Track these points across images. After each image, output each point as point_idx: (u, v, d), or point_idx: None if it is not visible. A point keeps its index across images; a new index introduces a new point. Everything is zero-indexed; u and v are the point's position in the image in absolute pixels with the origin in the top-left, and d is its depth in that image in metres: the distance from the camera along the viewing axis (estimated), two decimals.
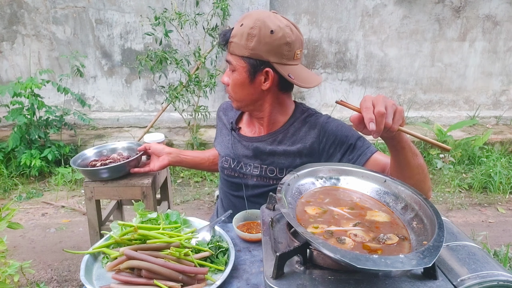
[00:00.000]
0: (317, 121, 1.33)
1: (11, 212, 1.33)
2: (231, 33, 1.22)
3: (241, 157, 1.41)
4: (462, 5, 4.30)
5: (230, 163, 1.44)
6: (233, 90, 1.29)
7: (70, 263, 2.47)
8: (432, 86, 4.62)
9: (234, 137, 1.44)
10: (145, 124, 4.20)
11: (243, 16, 1.23)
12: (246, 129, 1.45)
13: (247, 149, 1.40)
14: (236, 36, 1.20)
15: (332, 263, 0.72)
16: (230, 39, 1.22)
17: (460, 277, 0.68)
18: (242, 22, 1.20)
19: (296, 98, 4.60)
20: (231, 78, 1.27)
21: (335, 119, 1.34)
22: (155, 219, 1.10)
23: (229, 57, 1.25)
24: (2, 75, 4.28)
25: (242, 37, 1.19)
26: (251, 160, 1.39)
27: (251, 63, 1.21)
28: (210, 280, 0.94)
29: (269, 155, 1.35)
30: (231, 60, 1.25)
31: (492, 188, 3.50)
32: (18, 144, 3.43)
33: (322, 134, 1.29)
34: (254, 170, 1.38)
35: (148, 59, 3.36)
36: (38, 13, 4.09)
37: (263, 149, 1.36)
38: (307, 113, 1.38)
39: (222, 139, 1.52)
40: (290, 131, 1.35)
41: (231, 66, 1.25)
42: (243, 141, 1.42)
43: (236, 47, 1.21)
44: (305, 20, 4.28)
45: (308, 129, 1.33)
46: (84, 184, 1.90)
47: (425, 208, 0.79)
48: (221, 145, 1.51)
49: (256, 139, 1.39)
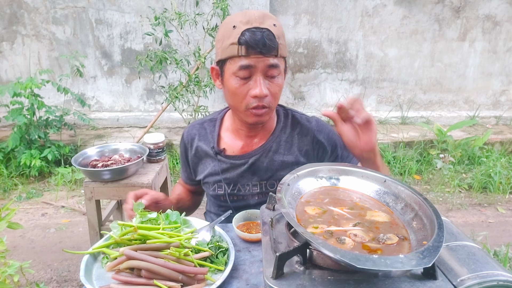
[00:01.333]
0: (308, 128, 1.31)
1: (10, 212, 1.33)
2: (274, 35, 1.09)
3: (237, 179, 1.31)
4: (462, 5, 4.30)
5: (225, 189, 1.32)
6: (276, 97, 1.17)
7: (70, 263, 2.47)
8: (432, 86, 4.62)
9: (222, 161, 1.31)
10: (145, 124, 4.20)
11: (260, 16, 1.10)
12: (232, 147, 1.32)
13: (241, 169, 1.29)
14: (280, 37, 1.12)
15: (332, 263, 0.72)
16: (278, 41, 1.10)
17: (460, 277, 0.68)
18: (272, 23, 1.10)
19: (296, 98, 4.60)
20: (274, 84, 1.15)
21: (324, 125, 1.34)
22: (155, 219, 1.10)
23: (275, 60, 1.11)
24: (2, 75, 4.28)
25: (284, 37, 1.14)
26: (249, 179, 1.30)
27: (285, 62, 1.19)
28: (210, 280, 0.94)
29: (267, 170, 1.28)
30: (278, 64, 1.13)
31: (492, 188, 3.50)
32: (18, 144, 3.43)
33: (315, 141, 1.30)
34: (254, 189, 1.31)
35: (148, 59, 3.36)
36: (38, 13, 4.09)
37: (260, 165, 1.28)
38: (291, 115, 1.34)
39: (206, 167, 1.36)
40: (282, 139, 1.30)
41: (276, 70, 1.13)
42: (235, 161, 1.30)
43: (283, 48, 1.13)
44: (305, 20, 4.28)
45: (300, 136, 1.30)
46: (84, 184, 1.90)
47: (425, 208, 0.79)
48: (207, 174, 1.35)
49: (250, 155, 1.29)
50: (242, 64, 1.09)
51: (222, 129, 1.35)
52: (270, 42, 1.07)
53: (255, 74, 1.11)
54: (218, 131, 1.34)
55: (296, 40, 4.37)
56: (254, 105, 1.14)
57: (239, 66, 1.10)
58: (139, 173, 1.97)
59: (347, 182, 0.94)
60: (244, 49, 1.08)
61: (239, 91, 1.14)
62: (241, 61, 1.09)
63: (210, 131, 1.36)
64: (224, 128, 1.35)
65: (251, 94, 1.12)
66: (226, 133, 1.34)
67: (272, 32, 1.08)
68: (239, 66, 1.10)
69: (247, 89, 1.13)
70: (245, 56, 1.09)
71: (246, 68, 1.10)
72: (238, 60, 1.10)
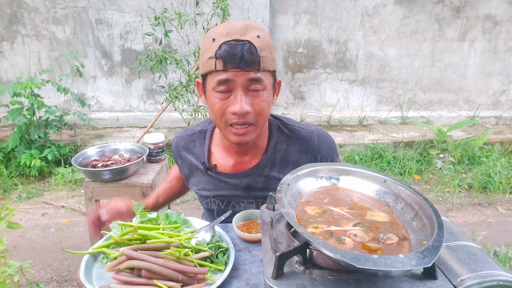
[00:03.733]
0: (309, 146, 1.23)
1: (10, 212, 1.33)
2: (256, 48, 1.01)
3: (231, 197, 1.27)
4: (462, 5, 4.30)
5: (218, 205, 1.29)
6: (261, 113, 1.08)
7: (70, 263, 2.46)
8: (432, 86, 4.62)
9: (213, 177, 1.26)
10: (145, 124, 4.19)
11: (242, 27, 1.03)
12: (223, 164, 1.25)
13: (235, 187, 1.25)
14: (264, 49, 1.03)
15: (332, 263, 0.72)
16: (261, 54, 1.02)
17: (460, 277, 0.68)
18: (256, 34, 1.03)
19: (296, 98, 4.60)
20: (258, 100, 1.06)
21: (325, 139, 1.27)
22: (155, 219, 1.10)
23: (258, 75, 1.03)
24: (2, 75, 4.28)
25: (269, 50, 1.05)
26: (244, 197, 1.26)
27: (274, 77, 1.10)
28: (210, 280, 0.94)
29: (263, 189, 1.23)
30: (262, 78, 1.04)
31: (492, 188, 3.50)
32: (18, 144, 3.43)
33: (314, 159, 1.25)
34: (249, 206, 1.27)
35: (148, 59, 3.36)
36: (38, 13, 4.09)
37: (256, 184, 1.23)
38: (286, 129, 1.25)
39: (198, 180, 1.31)
40: (277, 156, 1.23)
41: (259, 85, 1.05)
42: (227, 179, 1.24)
43: (267, 62, 1.04)
44: (305, 20, 4.28)
45: (300, 153, 1.23)
46: (84, 184, 1.90)
47: (425, 208, 0.79)
48: (199, 187, 1.31)
49: (243, 175, 1.23)
50: (220, 79, 1.03)
51: (213, 144, 1.28)
52: (249, 56, 1.00)
53: (235, 89, 1.04)
54: (208, 145, 1.27)
55: (296, 40, 4.37)
56: (233, 121, 1.06)
57: (217, 81, 1.03)
58: (139, 173, 1.98)
59: (347, 182, 0.94)
60: (222, 64, 1.01)
61: (217, 107, 1.07)
62: (219, 75, 1.03)
63: (200, 145, 1.29)
64: (215, 143, 1.28)
65: (230, 111, 1.05)
66: (217, 148, 1.27)
67: (253, 45, 1.00)
68: (217, 81, 1.03)
69: (227, 105, 1.06)
70: (223, 71, 1.02)
71: (224, 83, 1.03)
72: (217, 74, 1.03)
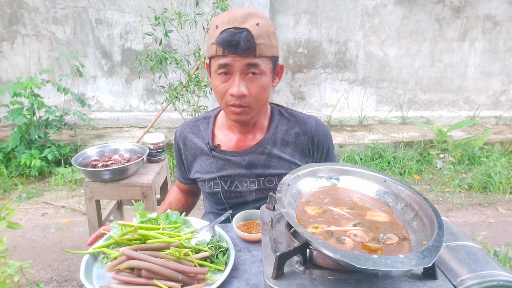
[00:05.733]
0: (307, 128, 1.33)
1: (10, 212, 1.33)
2: (253, 35, 1.09)
3: (234, 176, 1.31)
4: (462, 5, 4.30)
5: (221, 186, 1.33)
6: (257, 97, 1.17)
7: (70, 263, 2.47)
8: (432, 86, 4.62)
9: (217, 158, 1.32)
10: (145, 124, 4.19)
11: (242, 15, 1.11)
12: (227, 143, 1.33)
13: (238, 165, 1.30)
14: (262, 36, 1.11)
15: (332, 263, 0.72)
16: (257, 41, 1.10)
17: (460, 277, 0.68)
18: (256, 22, 1.11)
19: (296, 98, 4.60)
20: (255, 84, 1.15)
21: (322, 125, 1.37)
22: (155, 219, 1.10)
23: (255, 60, 1.12)
24: (2, 75, 4.28)
25: (268, 37, 1.13)
26: (246, 176, 1.31)
27: (274, 62, 1.19)
28: (210, 280, 0.94)
29: (264, 166, 1.30)
30: (259, 64, 1.13)
31: (492, 188, 3.50)
32: (18, 144, 3.43)
33: (312, 141, 1.34)
34: (251, 185, 1.32)
35: (148, 59, 3.36)
36: (38, 13, 4.09)
37: (258, 162, 1.30)
38: (286, 112, 1.35)
39: (201, 165, 1.36)
40: (278, 136, 1.31)
41: (256, 70, 1.13)
42: (230, 157, 1.31)
43: (265, 48, 1.12)
44: (305, 20, 4.28)
45: (298, 135, 1.32)
46: (84, 184, 1.90)
47: (425, 208, 0.79)
48: (202, 172, 1.36)
49: (246, 152, 1.30)
50: (220, 63, 1.13)
51: (216, 127, 1.37)
52: (245, 43, 1.08)
53: (234, 73, 1.14)
54: (212, 129, 1.36)
55: (296, 40, 4.37)
56: (231, 102, 1.17)
57: (217, 65, 1.14)
58: (139, 173, 1.97)
59: (347, 182, 0.94)
60: (221, 49, 1.11)
61: (219, 89, 1.17)
62: (219, 60, 1.13)
63: (204, 128, 1.37)
64: (218, 126, 1.37)
65: (229, 92, 1.16)
66: (220, 130, 1.36)
67: (250, 33, 1.09)
68: (218, 65, 1.14)
69: (227, 87, 1.16)
70: (223, 56, 1.12)
71: (224, 67, 1.13)
72: (218, 59, 1.13)
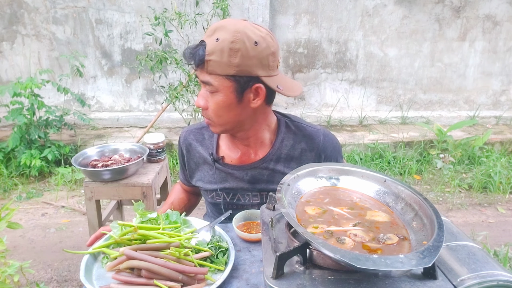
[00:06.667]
0: (314, 144, 1.27)
1: (10, 212, 1.33)
2: (205, 50, 1.05)
3: (236, 189, 1.29)
4: (462, 5, 4.30)
5: (224, 197, 1.32)
6: (216, 113, 1.13)
7: (70, 263, 2.47)
8: (432, 86, 4.62)
9: (220, 170, 1.29)
10: (145, 124, 4.19)
11: (213, 28, 1.07)
12: (231, 155, 1.30)
13: (241, 180, 1.28)
14: (214, 53, 1.04)
15: (332, 263, 0.72)
16: (207, 58, 1.05)
17: (460, 277, 0.68)
18: (217, 36, 1.04)
19: (296, 98, 4.59)
20: (212, 101, 1.11)
21: (331, 139, 1.30)
22: (155, 219, 1.10)
23: (207, 77, 1.08)
24: (2, 75, 4.28)
25: (222, 54, 1.03)
26: (249, 190, 1.29)
27: (238, 81, 1.08)
28: (210, 280, 0.94)
29: (267, 182, 1.27)
30: (210, 81, 1.08)
31: (492, 188, 3.50)
32: (18, 144, 3.43)
33: (318, 157, 1.28)
34: (254, 199, 1.30)
35: (148, 59, 3.36)
36: (38, 13, 4.09)
37: (261, 177, 1.27)
38: (294, 126, 1.29)
39: (204, 175, 1.34)
40: (283, 151, 1.27)
41: (210, 87, 1.09)
42: (233, 171, 1.28)
43: (216, 65, 1.05)
44: (305, 20, 4.28)
45: (305, 151, 1.27)
46: (84, 184, 1.90)
47: (425, 208, 0.79)
48: (204, 181, 1.34)
49: (249, 167, 1.27)
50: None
51: (221, 136, 1.34)
52: (198, 57, 1.07)
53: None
54: (217, 138, 1.33)
55: (296, 40, 4.37)
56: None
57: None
58: (139, 173, 1.97)
59: (347, 182, 0.94)
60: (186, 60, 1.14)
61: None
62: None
63: (209, 137, 1.34)
64: (223, 135, 1.33)
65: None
66: (224, 141, 1.32)
67: (203, 47, 1.06)
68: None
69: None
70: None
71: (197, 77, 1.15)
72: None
